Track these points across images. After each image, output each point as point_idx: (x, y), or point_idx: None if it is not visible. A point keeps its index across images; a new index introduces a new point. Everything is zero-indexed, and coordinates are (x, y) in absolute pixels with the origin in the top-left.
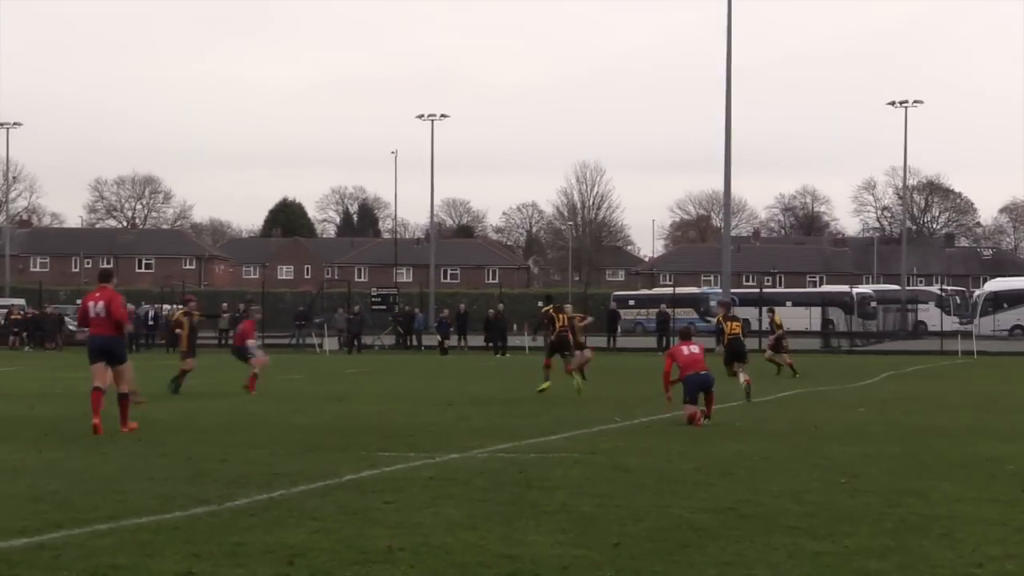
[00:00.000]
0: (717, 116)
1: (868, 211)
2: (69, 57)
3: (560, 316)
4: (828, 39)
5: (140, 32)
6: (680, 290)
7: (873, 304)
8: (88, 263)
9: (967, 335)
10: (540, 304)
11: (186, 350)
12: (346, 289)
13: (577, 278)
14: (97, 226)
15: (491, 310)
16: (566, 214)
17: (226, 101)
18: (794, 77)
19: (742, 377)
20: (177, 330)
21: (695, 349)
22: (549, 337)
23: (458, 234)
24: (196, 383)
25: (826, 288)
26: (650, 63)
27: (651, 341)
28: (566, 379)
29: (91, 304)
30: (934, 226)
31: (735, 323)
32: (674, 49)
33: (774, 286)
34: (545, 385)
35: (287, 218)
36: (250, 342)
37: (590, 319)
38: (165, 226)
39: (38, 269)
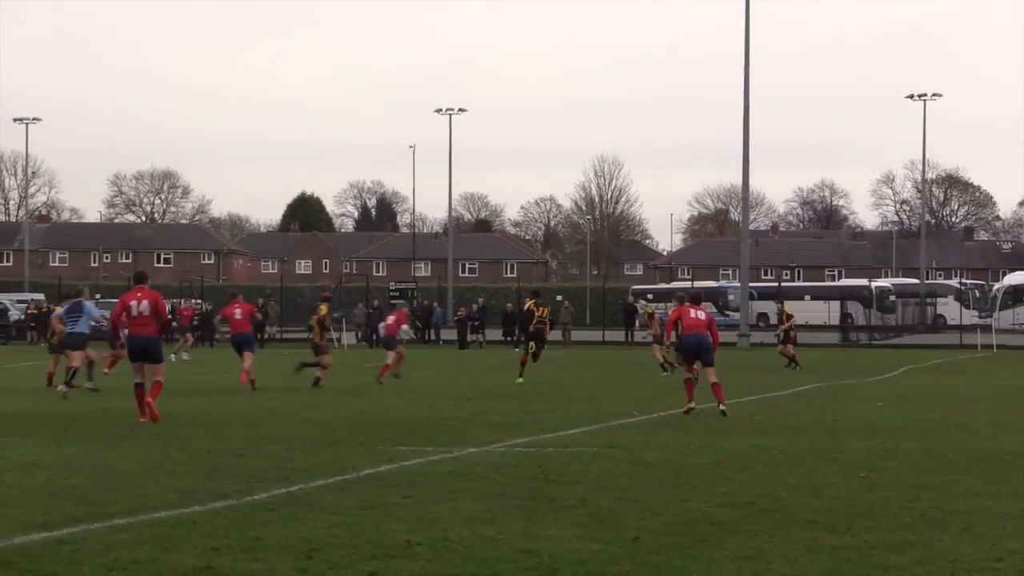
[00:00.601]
0: (735, 110)
1: (887, 205)
2: (88, 52)
3: (540, 311)
4: (847, 32)
5: (158, 27)
6: (698, 284)
7: (892, 298)
8: (107, 258)
9: (986, 329)
10: (559, 298)
11: (323, 345)
12: (364, 283)
13: (595, 272)
14: (116, 221)
15: (509, 304)
16: (584, 208)
17: (244, 96)
18: (813, 70)
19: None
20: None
21: (701, 315)
22: (527, 329)
23: (476, 228)
24: (212, 378)
25: (845, 282)
26: (669, 57)
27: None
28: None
29: (133, 303)
30: (953, 220)
31: None
32: (693, 43)
33: (793, 280)
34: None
35: (305, 212)
36: (404, 327)
37: (661, 313)
38: (184, 221)
39: (57, 264)
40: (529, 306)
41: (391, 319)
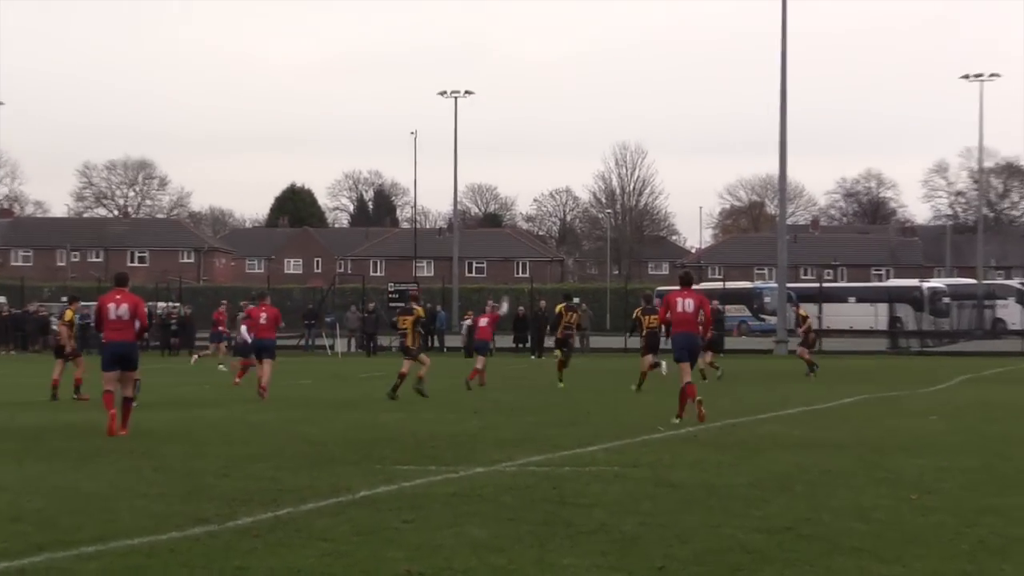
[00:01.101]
0: (772, 93)
1: (940, 197)
2: (56, 31)
3: (568, 315)
4: (894, 8)
5: (134, 3)
6: (730, 285)
7: (946, 300)
8: (75, 256)
9: None
10: (577, 300)
11: (415, 349)
12: (360, 284)
13: (616, 272)
14: (85, 215)
15: (520, 307)
16: (604, 201)
17: (228, 77)
18: (857, 50)
19: (664, 366)
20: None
21: (689, 306)
22: (557, 335)
23: (484, 223)
24: (192, 390)
25: (893, 282)
26: (698, 34)
27: None
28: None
29: (111, 307)
30: (1014, 213)
31: (654, 316)
32: (724, 19)
33: (835, 280)
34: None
35: (295, 206)
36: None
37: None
38: (160, 215)
39: (20, 263)
40: (559, 310)
41: (484, 320)
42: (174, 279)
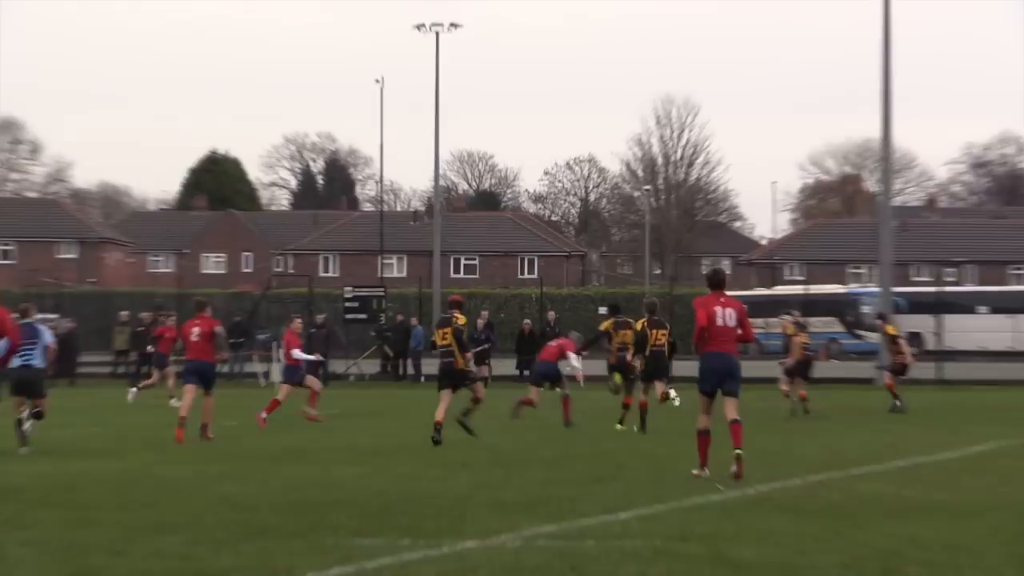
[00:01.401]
0: (871, 30)
1: None
2: None
3: (620, 333)
4: None
5: None
6: (815, 289)
7: None
8: None
9: None
10: (603, 312)
11: (472, 371)
12: (306, 288)
13: (659, 270)
14: None
15: (526, 321)
16: (641, 174)
17: (120, 13)
18: None
19: (672, 393)
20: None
21: (731, 317)
22: (608, 359)
23: (477, 205)
24: (75, 432)
25: None
26: None
27: (772, 367)
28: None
29: None
30: None
31: (661, 331)
32: None
33: (959, 281)
34: (620, 427)
35: (216, 181)
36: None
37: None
38: (32, 194)
39: None
40: (606, 327)
41: (554, 344)
42: (50, 281)
